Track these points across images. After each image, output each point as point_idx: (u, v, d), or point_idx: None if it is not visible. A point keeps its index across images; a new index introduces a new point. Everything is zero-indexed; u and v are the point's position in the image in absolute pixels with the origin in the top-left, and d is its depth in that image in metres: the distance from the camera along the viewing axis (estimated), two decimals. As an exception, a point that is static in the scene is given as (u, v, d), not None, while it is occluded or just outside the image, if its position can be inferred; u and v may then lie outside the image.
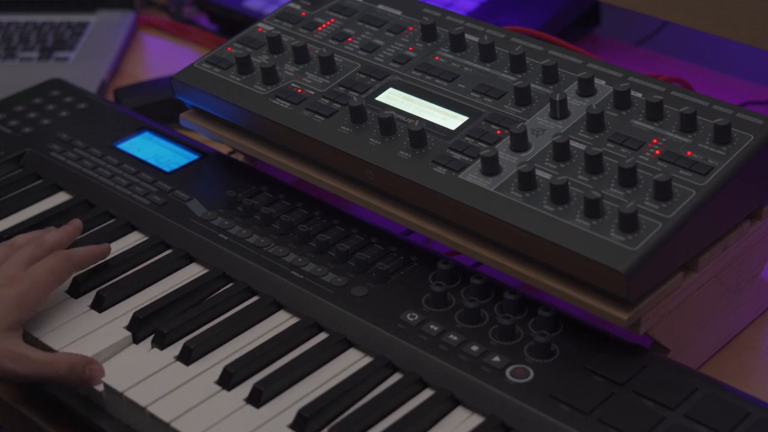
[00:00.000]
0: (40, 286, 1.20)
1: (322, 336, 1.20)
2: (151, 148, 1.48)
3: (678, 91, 1.24)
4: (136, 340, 1.22)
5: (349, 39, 1.39)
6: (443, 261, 1.23)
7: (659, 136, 1.19)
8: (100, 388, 1.17)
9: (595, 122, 1.21)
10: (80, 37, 1.91)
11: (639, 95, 1.24)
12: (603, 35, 1.86)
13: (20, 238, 1.27)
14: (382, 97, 1.31)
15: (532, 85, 1.28)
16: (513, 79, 1.29)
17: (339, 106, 1.30)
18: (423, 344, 1.15)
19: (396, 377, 1.15)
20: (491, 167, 1.19)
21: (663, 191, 1.13)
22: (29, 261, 1.23)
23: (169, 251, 1.32)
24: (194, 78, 1.40)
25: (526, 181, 1.17)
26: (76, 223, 1.30)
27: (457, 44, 1.34)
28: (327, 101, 1.31)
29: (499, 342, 1.15)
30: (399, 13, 1.41)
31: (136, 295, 1.27)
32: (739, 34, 1.37)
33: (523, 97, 1.26)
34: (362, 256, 1.25)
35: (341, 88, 1.33)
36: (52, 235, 1.27)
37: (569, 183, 1.16)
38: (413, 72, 1.33)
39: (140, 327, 1.22)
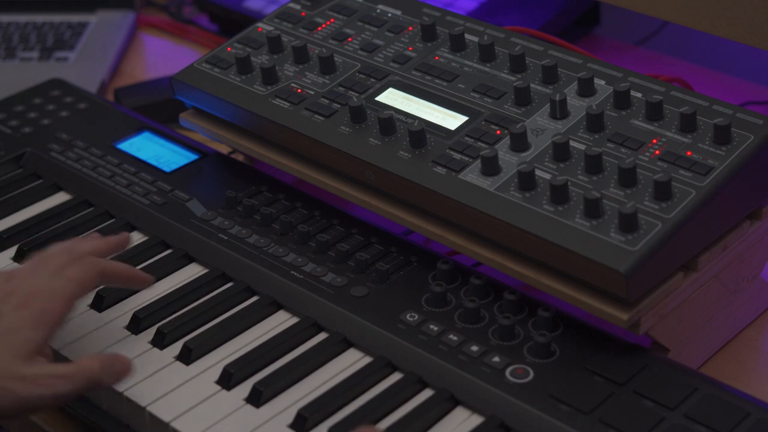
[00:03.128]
0: (59, 300, 1.08)
1: (322, 336, 1.20)
2: (151, 148, 1.48)
3: (678, 91, 1.24)
4: (136, 340, 1.22)
5: (349, 39, 1.39)
6: (443, 261, 1.23)
7: (659, 136, 1.19)
8: (100, 388, 1.17)
9: (594, 122, 1.21)
10: (80, 37, 1.91)
11: (639, 95, 1.24)
12: (603, 35, 1.86)
13: (53, 248, 1.15)
14: (381, 97, 1.31)
15: (532, 85, 1.28)
16: (513, 79, 1.29)
17: (339, 106, 1.30)
18: (423, 344, 1.15)
19: (396, 377, 1.15)
20: (491, 167, 1.19)
21: (663, 191, 1.13)
22: (55, 273, 1.10)
23: (169, 251, 1.32)
24: (194, 78, 1.40)
25: (526, 181, 1.17)
26: (123, 237, 1.19)
27: (457, 44, 1.34)
28: (327, 101, 1.31)
29: (499, 342, 1.15)
30: (399, 13, 1.41)
31: (136, 296, 1.27)
32: (739, 34, 1.37)
33: (522, 97, 1.26)
34: (362, 256, 1.25)
35: (341, 88, 1.33)
36: (86, 241, 1.15)
37: (569, 183, 1.16)
38: (413, 72, 1.33)
39: (140, 327, 1.22)
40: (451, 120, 1.26)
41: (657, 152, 1.18)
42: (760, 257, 1.24)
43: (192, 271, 1.30)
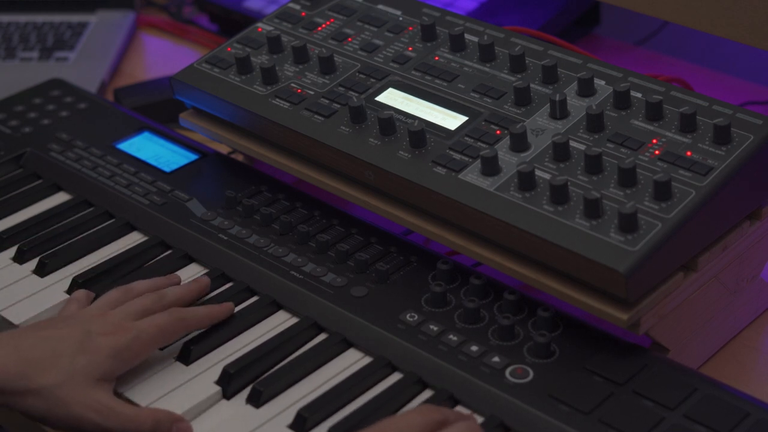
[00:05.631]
0: (143, 341, 1.14)
1: (321, 336, 1.20)
2: (150, 148, 1.48)
3: (678, 91, 1.24)
4: (136, 340, 1.22)
5: (349, 39, 1.39)
6: (443, 261, 1.23)
7: (659, 136, 1.19)
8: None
9: (594, 122, 1.21)
10: (80, 37, 1.91)
11: (639, 95, 1.24)
12: (603, 35, 1.86)
13: (140, 285, 1.22)
14: (381, 97, 1.31)
15: (532, 85, 1.28)
16: (513, 79, 1.29)
17: (339, 106, 1.30)
18: (423, 344, 1.15)
19: (396, 377, 1.15)
20: (491, 167, 1.19)
21: (663, 191, 1.13)
22: (142, 313, 1.17)
23: (169, 251, 1.32)
24: (194, 78, 1.40)
25: (526, 181, 1.17)
26: (203, 282, 1.24)
27: (457, 44, 1.34)
28: (327, 101, 1.31)
29: (499, 342, 1.15)
30: (399, 13, 1.41)
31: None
32: (739, 34, 1.37)
33: (522, 97, 1.26)
34: (362, 256, 1.25)
35: (341, 88, 1.33)
36: (174, 291, 1.21)
37: (569, 183, 1.16)
38: (413, 72, 1.33)
39: (140, 327, 1.22)
40: (451, 120, 1.26)
41: (657, 152, 1.18)
42: (760, 257, 1.24)
43: (192, 271, 1.30)
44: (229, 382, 1.14)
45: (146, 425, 1.09)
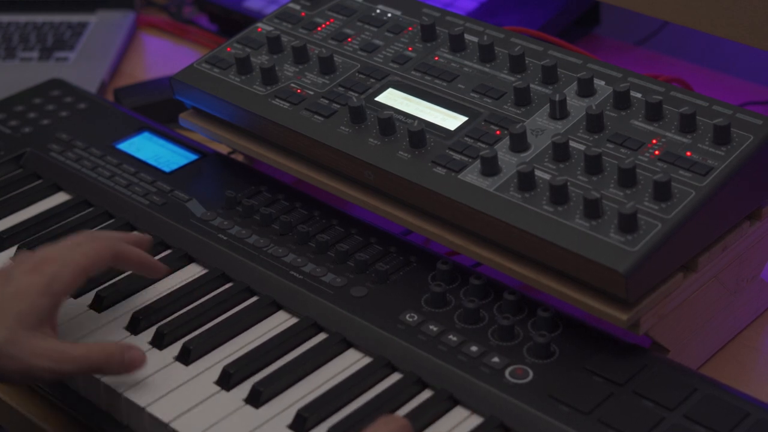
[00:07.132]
0: (70, 270, 1.09)
1: (321, 336, 1.20)
2: (150, 148, 1.48)
3: (678, 91, 1.24)
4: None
5: (349, 39, 1.39)
6: (442, 261, 1.23)
7: (659, 137, 1.19)
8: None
9: (594, 122, 1.21)
10: (80, 37, 1.91)
11: (638, 95, 1.24)
12: (603, 35, 1.86)
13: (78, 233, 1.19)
14: (381, 98, 1.31)
15: (532, 86, 1.28)
16: (512, 79, 1.29)
17: (338, 106, 1.30)
18: (422, 345, 1.15)
19: (395, 377, 1.15)
20: (490, 167, 1.19)
21: (662, 191, 1.13)
22: (72, 247, 1.13)
23: (168, 251, 1.32)
24: (194, 78, 1.40)
25: (526, 181, 1.17)
26: (146, 237, 1.22)
27: (457, 44, 1.34)
28: (326, 101, 1.31)
29: (499, 342, 1.15)
30: (399, 13, 1.41)
31: (135, 296, 1.27)
32: (739, 34, 1.37)
33: (522, 98, 1.26)
34: (361, 256, 1.25)
35: (341, 89, 1.33)
36: (108, 231, 1.17)
37: (568, 183, 1.16)
38: (413, 72, 1.33)
39: (139, 327, 1.22)
40: (450, 120, 1.26)
41: (657, 152, 1.18)
42: (760, 257, 1.24)
43: (192, 272, 1.30)
44: (229, 383, 1.14)
45: (99, 360, 1.08)
